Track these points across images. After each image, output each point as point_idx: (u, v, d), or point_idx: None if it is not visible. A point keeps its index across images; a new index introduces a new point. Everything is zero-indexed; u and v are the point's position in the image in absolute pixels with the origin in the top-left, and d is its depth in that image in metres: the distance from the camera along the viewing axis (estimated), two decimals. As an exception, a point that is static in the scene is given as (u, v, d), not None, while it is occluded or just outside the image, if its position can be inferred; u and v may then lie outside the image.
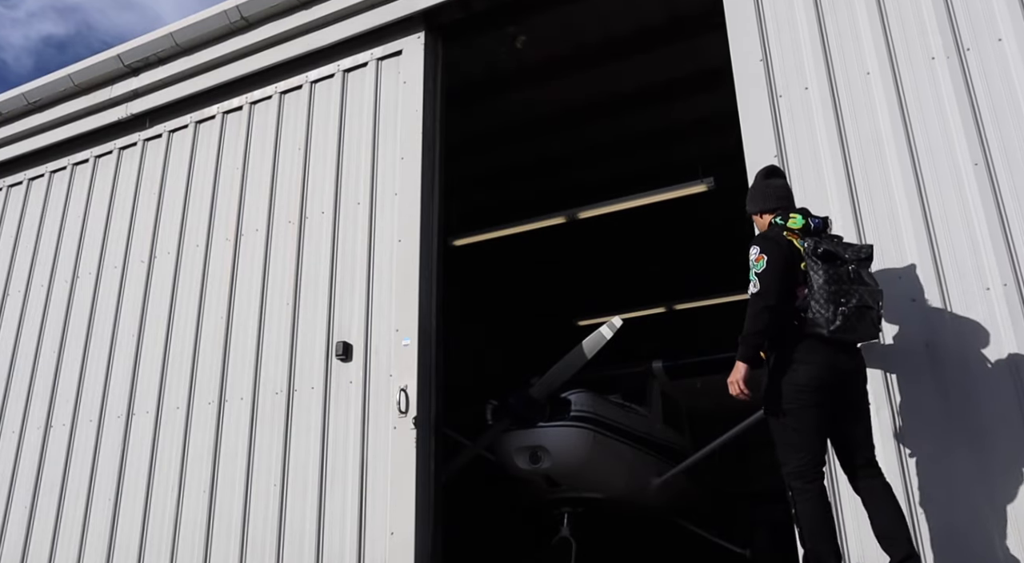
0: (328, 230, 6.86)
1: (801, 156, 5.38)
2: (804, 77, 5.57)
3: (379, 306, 6.39)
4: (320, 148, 7.25)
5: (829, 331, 3.86)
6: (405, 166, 6.72)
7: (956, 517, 4.31)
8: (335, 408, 6.26)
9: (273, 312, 6.85)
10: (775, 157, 5.41)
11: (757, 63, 5.78)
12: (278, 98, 7.71)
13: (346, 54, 7.42)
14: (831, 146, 5.31)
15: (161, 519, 6.69)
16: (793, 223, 4.14)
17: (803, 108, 5.49)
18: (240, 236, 7.32)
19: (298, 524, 6.07)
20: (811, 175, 5.29)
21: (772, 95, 5.63)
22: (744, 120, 5.71)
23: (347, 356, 6.31)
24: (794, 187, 5.11)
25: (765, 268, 3.97)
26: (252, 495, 6.34)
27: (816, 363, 3.93)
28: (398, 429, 5.90)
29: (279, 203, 7.25)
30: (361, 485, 5.93)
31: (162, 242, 7.84)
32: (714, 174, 8.91)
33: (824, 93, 5.45)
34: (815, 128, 5.40)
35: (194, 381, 7.01)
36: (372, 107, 7.14)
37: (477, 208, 11.88)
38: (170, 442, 6.90)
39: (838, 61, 5.50)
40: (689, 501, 8.36)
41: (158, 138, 8.38)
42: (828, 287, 3.89)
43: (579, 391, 6.48)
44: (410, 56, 7.13)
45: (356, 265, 6.62)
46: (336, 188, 6.99)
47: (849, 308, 3.88)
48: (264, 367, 6.70)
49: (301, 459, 6.25)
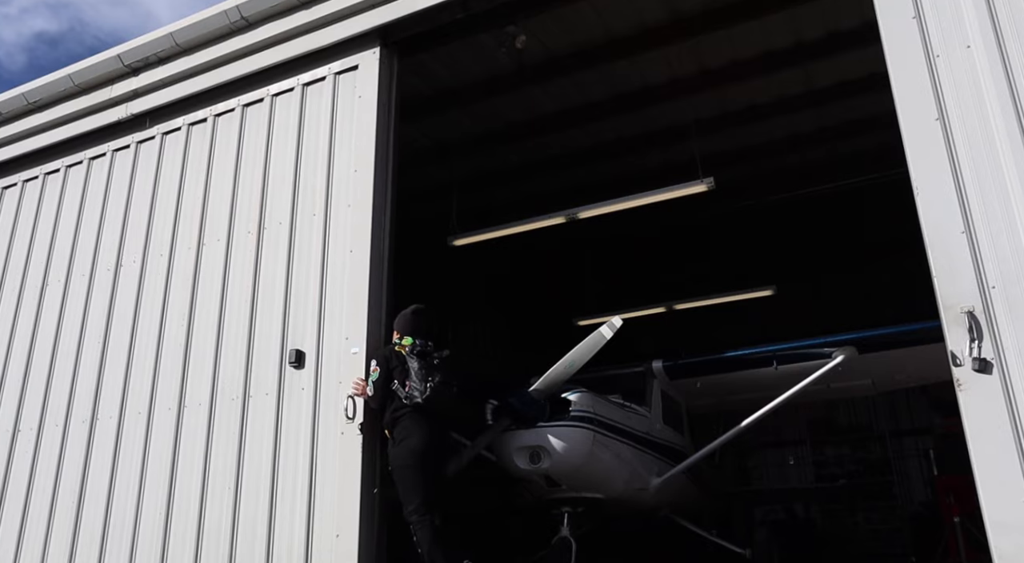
0: (285, 240, 7.05)
1: (967, 120, 5.07)
2: (965, 35, 5.28)
3: (331, 315, 6.58)
4: (280, 160, 7.42)
5: (423, 399, 5.59)
6: (358, 178, 6.90)
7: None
8: (287, 414, 6.46)
9: (232, 320, 7.04)
10: (936, 120, 5.15)
11: (910, 21, 5.43)
12: (240, 111, 7.88)
13: (305, 68, 7.61)
14: (1003, 109, 4.99)
15: (122, 520, 6.90)
16: (406, 341, 5.90)
17: (966, 68, 5.18)
18: (202, 246, 7.50)
19: (250, 525, 6.27)
20: (980, 140, 5.01)
21: (929, 55, 5.32)
22: (896, 83, 5.39)
23: (300, 363, 6.51)
24: (961, 153, 4.97)
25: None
26: (208, 498, 6.54)
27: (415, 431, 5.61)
28: (345, 435, 6.10)
29: (239, 214, 7.43)
30: (310, 488, 6.13)
31: (128, 250, 8.01)
32: (714, 174, 8.91)
33: (991, 51, 5.12)
34: (981, 90, 5.09)
35: (155, 387, 7.21)
36: (329, 120, 7.31)
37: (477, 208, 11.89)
38: (132, 446, 7.11)
39: (1004, 14, 5.18)
40: (689, 501, 8.36)
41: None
42: (421, 371, 5.65)
43: (579, 391, 6.47)
44: (366, 71, 7.28)
45: (310, 275, 6.80)
46: (293, 199, 7.17)
47: (435, 382, 5.64)
48: (222, 374, 6.90)
49: (255, 463, 6.45)
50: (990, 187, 4.94)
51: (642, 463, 7.10)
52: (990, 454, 4.51)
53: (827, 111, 10.38)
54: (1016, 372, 4.59)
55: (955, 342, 4.77)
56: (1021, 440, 4.46)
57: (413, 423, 5.65)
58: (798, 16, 8.41)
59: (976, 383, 4.65)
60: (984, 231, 4.88)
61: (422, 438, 5.59)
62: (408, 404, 5.68)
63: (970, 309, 4.75)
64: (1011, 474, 4.42)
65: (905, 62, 5.40)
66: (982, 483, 4.52)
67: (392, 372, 5.82)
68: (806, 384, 7.11)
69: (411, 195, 12.46)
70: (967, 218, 4.95)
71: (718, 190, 9.09)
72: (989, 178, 4.95)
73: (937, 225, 5.02)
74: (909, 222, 5.33)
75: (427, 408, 5.64)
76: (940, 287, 4.91)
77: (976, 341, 4.69)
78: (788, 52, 9.03)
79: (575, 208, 9.64)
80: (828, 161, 11.55)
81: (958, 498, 7.96)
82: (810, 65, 9.32)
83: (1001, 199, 4.89)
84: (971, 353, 4.68)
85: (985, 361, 4.65)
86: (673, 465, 7.54)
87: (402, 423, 5.68)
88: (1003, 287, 4.74)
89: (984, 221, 4.90)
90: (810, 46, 8.93)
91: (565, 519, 6.59)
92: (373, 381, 5.85)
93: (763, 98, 10.08)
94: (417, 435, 5.60)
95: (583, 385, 6.70)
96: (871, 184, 11.27)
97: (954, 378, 4.74)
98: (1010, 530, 4.37)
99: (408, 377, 5.70)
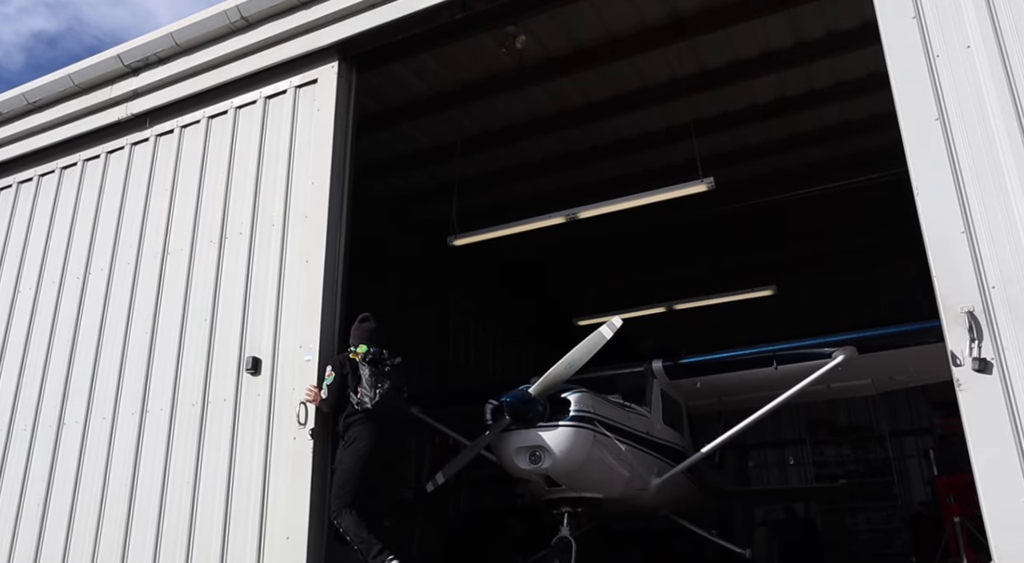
0: (245, 250, 7.27)
1: (967, 120, 5.09)
2: (965, 34, 5.29)
3: (287, 323, 6.80)
4: (242, 171, 7.64)
5: (373, 405, 5.86)
6: (315, 190, 7.08)
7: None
8: (243, 420, 6.68)
9: (193, 328, 7.26)
10: (936, 120, 5.16)
11: (910, 21, 5.46)
12: (206, 122, 8.07)
13: (268, 82, 7.81)
14: (1003, 109, 5.00)
15: (85, 522, 7.10)
16: (360, 349, 6.12)
17: (966, 68, 5.19)
18: (167, 254, 7.72)
19: (207, 527, 6.48)
20: (980, 140, 5.03)
21: (928, 55, 5.33)
22: (896, 83, 5.41)
23: (256, 370, 6.73)
24: (961, 153, 4.99)
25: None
26: (167, 500, 6.76)
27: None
28: (297, 440, 6.32)
29: (203, 223, 7.64)
30: (263, 491, 6.35)
31: (96, 258, 8.19)
32: (714, 174, 8.90)
33: (991, 51, 5.16)
34: (981, 90, 5.10)
35: (120, 393, 7.41)
36: (289, 133, 7.51)
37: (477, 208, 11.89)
38: (96, 450, 7.30)
39: (1004, 14, 5.19)
40: (689, 501, 8.35)
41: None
42: (372, 379, 5.91)
43: (579, 391, 6.46)
44: (324, 84, 7.48)
45: (268, 284, 7.02)
46: (254, 210, 7.38)
47: (384, 389, 5.91)
48: (183, 380, 7.12)
49: (212, 467, 6.66)
50: (990, 187, 4.94)
51: (642, 463, 7.08)
52: (990, 454, 4.52)
53: (827, 111, 10.39)
54: (1016, 372, 4.59)
55: (955, 342, 4.78)
56: (1021, 440, 4.46)
57: (364, 429, 5.91)
58: (798, 16, 8.41)
59: (976, 383, 4.65)
60: (984, 231, 4.89)
61: (369, 445, 5.88)
62: (359, 410, 5.93)
63: (970, 309, 4.76)
64: (1011, 474, 4.42)
65: (905, 62, 5.41)
66: (982, 483, 4.52)
67: (346, 379, 6.08)
68: (806, 384, 7.09)
69: (411, 195, 12.52)
70: (967, 218, 4.95)
71: (718, 190, 9.08)
72: (989, 178, 4.96)
73: (937, 225, 5.02)
74: (909, 222, 5.33)
75: (377, 414, 5.91)
76: (940, 287, 4.92)
77: (976, 341, 4.70)
78: (788, 52, 9.03)
79: (575, 208, 9.62)
80: (828, 161, 11.55)
81: (958, 498, 7.95)
82: (810, 65, 9.32)
83: (1001, 199, 4.90)
84: (971, 353, 4.68)
85: (985, 361, 4.65)
86: (673, 465, 7.53)
87: (353, 428, 5.95)
88: (1003, 287, 4.75)
89: (984, 221, 4.90)
90: (810, 46, 8.93)
91: (565, 519, 6.58)
92: (327, 384, 6.14)
93: (763, 98, 10.09)
94: (365, 441, 5.88)
95: (583, 385, 6.69)
96: (871, 184, 11.26)
97: (954, 378, 4.74)
98: (1010, 530, 4.37)
99: (360, 383, 5.96)
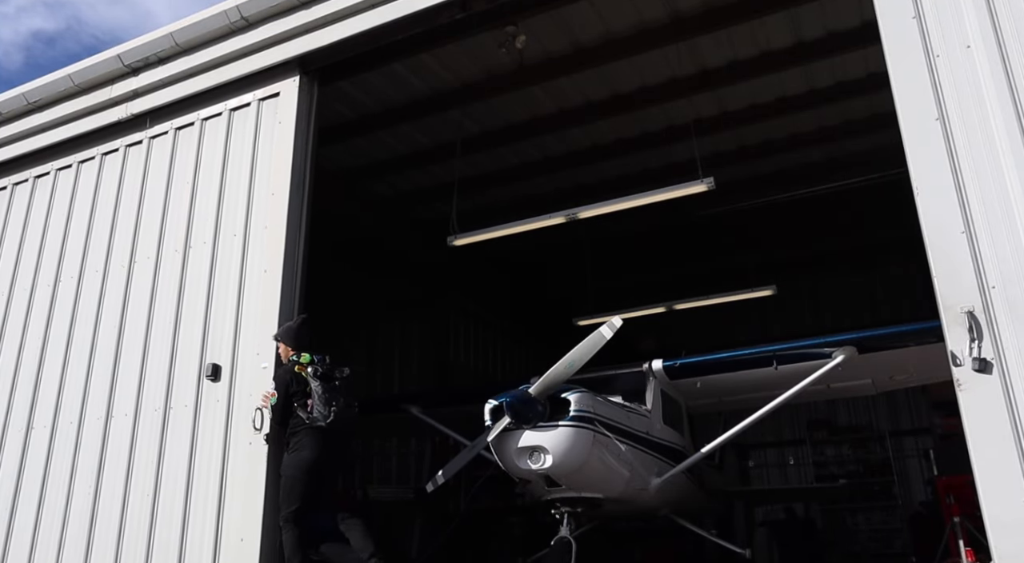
0: (208, 259, 7.47)
1: (967, 120, 5.08)
2: (965, 34, 5.28)
3: (246, 331, 7.00)
4: (207, 182, 7.82)
5: (327, 423, 5.88)
6: (275, 201, 7.27)
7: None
8: (203, 425, 6.88)
9: (158, 335, 7.46)
10: (936, 120, 5.16)
11: (910, 21, 5.45)
12: (173, 134, 8.24)
13: (233, 94, 7.98)
14: (1003, 109, 4.99)
15: (50, 523, 7.29)
16: (304, 359, 6.07)
17: (966, 68, 5.18)
18: (133, 263, 7.92)
19: (166, 529, 6.69)
20: (980, 140, 5.02)
21: (928, 55, 5.32)
22: (896, 83, 5.40)
23: (216, 377, 6.94)
24: (961, 153, 4.98)
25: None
26: (129, 502, 6.97)
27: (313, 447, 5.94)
28: (253, 445, 6.50)
29: (169, 232, 7.84)
30: (220, 495, 6.54)
31: (66, 266, 8.37)
32: (714, 174, 8.90)
33: (991, 51, 5.13)
34: (981, 90, 5.10)
35: (87, 398, 7.60)
36: (252, 144, 7.68)
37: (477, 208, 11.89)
38: (63, 453, 7.49)
39: (1004, 14, 5.18)
40: (689, 501, 8.35)
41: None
42: (325, 395, 5.90)
43: (579, 391, 6.45)
44: (286, 98, 7.65)
45: (229, 292, 7.23)
46: (217, 220, 7.58)
47: (339, 406, 5.92)
48: (147, 386, 7.32)
49: (172, 470, 6.87)
50: (990, 187, 4.94)
51: (642, 463, 7.08)
52: (990, 454, 4.51)
53: (827, 111, 10.39)
54: (1016, 372, 4.59)
55: (955, 342, 4.77)
56: (1021, 440, 4.46)
57: (309, 438, 5.97)
58: (798, 16, 8.41)
59: (976, 383, 4.65)
60: (984, 231, 4.88)
61: (314, 454, 5.94)
62: (308, 424, 5.97)
63: (970, 309, 4.75)
64: (1011, 474, 4.42)
65: (905, 62, 5.41)
66: (982, 483, 4.52)
67: (292, 397, 6.09)
68: (806, 384, 7.10)
69: (411, 195, 12.52)
70: (967, 218, 4.95)
71: (718, 190, 9.08)
72: (989, 178, 4.95)
73: (937, 225, 5.02)
74: (909, 222, 5.32)
75: (329, 430, 5.98)
76: (940, 287, 4.91)
77: (976, 341, 4.70)
78: (788, 52, 9.03)
79: (575, 208, 9.61)
80: (828, 161, 11.56)
81: (958, 498, 7.94)
82: (810, 65, 9.32)
83: (1001, 199, 4.89)
84: (971, 353, 4.68)
85: (985, 361, 4.65)
86: (673, 465, 7.53)
87: (297, 437, 6.02)
88: (1003, 287, 4.74)
89: (984, 221, 4.90)
90: (810, 46, 8.93)
91: (565, 519, 6.58)
92: (272, 405, 6.22)
93: (763, 98, 10.08)
94: (310, 449, 5.94)
95: (583, 385, 6.68)
96: (871, 184, 11.27)
97: (954, 378, 4.74)
98: (1010, 530, 4.37)
99: (310, 398, 5.98)
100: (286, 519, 5.93)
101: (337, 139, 10.59)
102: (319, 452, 5.96)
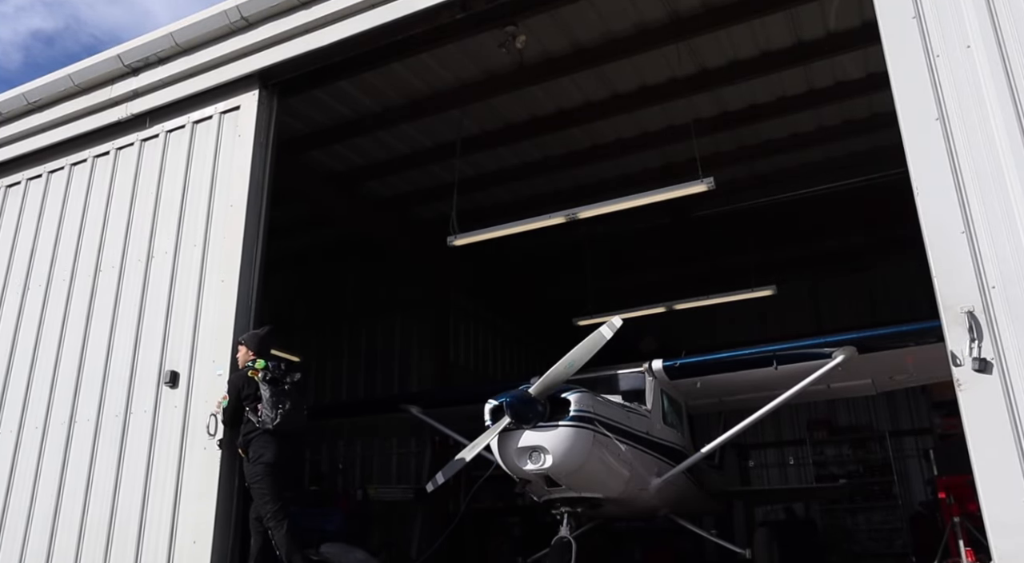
0: (169, 268, 7.68)
1: (967, 120, 5.09)
2: (965, 34, 5.29)
3: (203, 339, 7.19)
4: (169, 192, 8.03)
5: (274, 426, 6.11)
6: (233, 213, 7.46)
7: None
8: (161, 430, 7.07)
9: (120, 342, 7.64)
10: (936, 120, 5.16)
11: (910, 21, 5.46)
12: (138, 145, 8.43)
13: (196, 107, 8.17)
14: (1003, 109, 5.00)
15: (15, 524, 7.48)
16: (259, 365, 6.29)
17: (966, 68, 5.19)
18: (99, 272, 8.10)
19: (124, 531, 6.88)
20: (980, 140, 5.03)
21: (928, 55, 5.33)
22: (896, 83, 5.40)
23: (174, 383, 7.15)
24: (961, 153, 4.99)
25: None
26: (90, 504, 7.15)
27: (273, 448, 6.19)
28: (207, 450, 6.70)
29: (133, 242, 8.04)
30: (175, 498, 6.76)
31: (34, 273, 8.53)
32: (714, 174, 8.89)
33: (991, 51, 5.14)
34: (981, 89, 5.10)
35: (51, 403, 7.79)
36: (213, 156, 7.86)
37: (477, 208, 11.89)
38: (27, 457, 7.67)
39: (1004, 14, 5.19)
40: (689, 501, 8.35)
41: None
42: (272, 399, 6.13)
43: (579, 391, 6.45)
44: (246, 111, 7.83)
45: (188, 301, 7.43)
46: (178, 231, 7.78)
47: (285, 409, 6.14)
48: (109, 392, 7.50)
49: (131, 474, 7.06)
50: (990, 187, 4.94)
51: (642, 463, 7.08)
52: (990, 454, 4.51)
53: (827, 111, 10.38)
54: (1016, 372, 4.59)
55: (955, 342, 4.77)
56: (1021, 440, 4.46)
57: (265, 443, 6.21)
58: (798, 16, 8.41)
59: (976, 383, 4.65)
60: (984, 231, 4.89)
61: (274, 455, 6.18)
62: (260, 428, 6.22)
63: (970, 309, 4.76)
64: (1011, 474, 4.42)
65: (905, 62, 5.41)
66: (982, 483, 4.52)
67: (244, 400, 6.35)
68: (806, 384, 7.10)
69: (411, 195, 12.51)
70: (967, 218, 4.95)
71: (718, 190, 9.07)
72: (989, 178, 4.95)
73: (937, 225, 5.02)
74: (909, 222, 5.32)
75: (277, 432, 6.21)
76: (940, 287, 4.91)
77: (976, 341, 4.70)
78: (788, 52, 9.03)
79: (575, 208, 9.61)
80: (828, 161, 11.55)
81: (958, 498, 7.94)
82: (810, 65, 9.32)
83: (1001, 199, 4.90)
84: (971, 353, 4.68)
85: (985, 361, 4.65)
86: (673, 465, 7.53)
87: (255, 443, 6.24)
88: (1003, 287, 4.75)
89: (984, 221, 4.90)
90: (810, 46, 8.92)
91: (565, 519, 6.58)
92: (223, 407, 6.52)
93: (763, 98, 10.08)
94: (269, 452, 6.18)
95: (583, 385, 6.69)
96: (871, 184, 11.26)
97: (954, 378, 4.74)
98: (1010, 530, 4.37)
99: (260, 402, 6.21)
100: (272, 519, 6.08)
101: (337, 139, 10.60)
102: (278, 453, 6.21)
